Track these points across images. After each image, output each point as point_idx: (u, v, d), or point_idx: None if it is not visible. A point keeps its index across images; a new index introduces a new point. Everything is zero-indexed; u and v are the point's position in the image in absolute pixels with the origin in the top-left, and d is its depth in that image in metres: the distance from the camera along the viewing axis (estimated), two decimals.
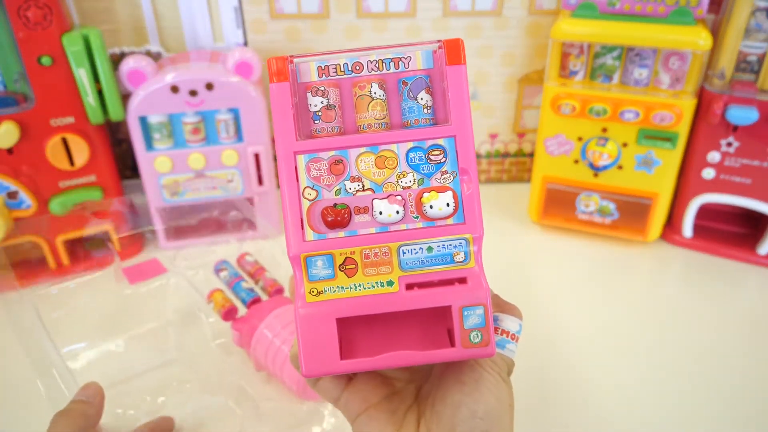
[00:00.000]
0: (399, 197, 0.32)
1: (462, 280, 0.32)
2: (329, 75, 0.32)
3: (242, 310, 0.52)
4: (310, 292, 0.31)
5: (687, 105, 0.60)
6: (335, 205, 0.32)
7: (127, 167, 0.77)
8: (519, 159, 0.81)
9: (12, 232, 0.61)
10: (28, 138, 0.58)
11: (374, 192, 0.32)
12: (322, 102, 0.32)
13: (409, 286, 0.32)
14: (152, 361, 0.53)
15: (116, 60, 0.67)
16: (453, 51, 0.32)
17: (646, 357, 0.54)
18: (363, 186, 0.32)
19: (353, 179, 0.32)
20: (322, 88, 0.32)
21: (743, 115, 0.59)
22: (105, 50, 0.58)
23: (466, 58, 0.31)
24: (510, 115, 0.78)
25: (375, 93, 0.32)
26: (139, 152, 0.63)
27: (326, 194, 0.32)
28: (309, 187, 0.32)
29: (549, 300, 0.61)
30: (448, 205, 0.31)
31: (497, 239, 0.71)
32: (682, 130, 0.61)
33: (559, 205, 0.70)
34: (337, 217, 0.32)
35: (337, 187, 0.32)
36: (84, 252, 0.66)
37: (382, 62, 0.32)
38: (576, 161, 0.66)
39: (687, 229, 0.68)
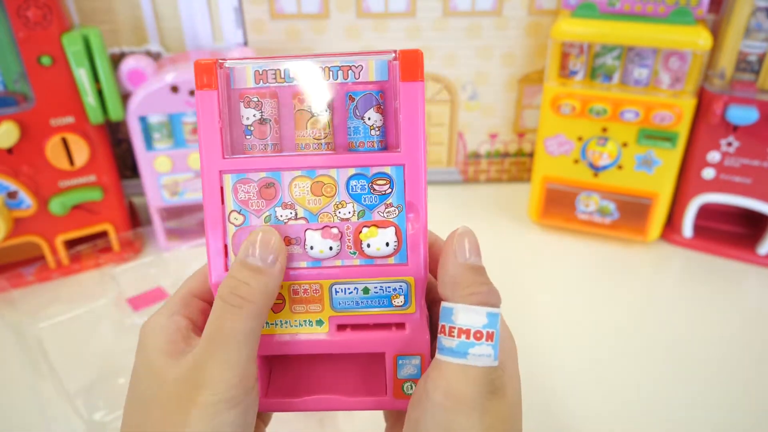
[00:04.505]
0: (335, 230, 0.28)
1: (400, 326, 0.29)
2: (267, 81, 0.28)
3: None
4: None
5: (687, 105, 0.60)
6: None
7: (127, 167, 0.77)
8: (519, 159, 0.81)
9: (12, 232, 0.61)
10: (28, 138, 0.58)
11: (308, 222, 0.28)
12: (255, 115, 0.28)
13: (341, 327, 0.29)
14: None
15: (116, 60, 0.67)
16: (409, 65, 0.27)
17: (646, 357, 0.54)
18: (296, 214, 0.28)
19: (285, 206, 0.28)
20: (256, 99, 0.28)
21: (743, 115, 0.59)
22: (105, 50, 0.58)
23: (423, 74, 0.27)
24: (510, 115, 0.78)
25: (316, 108, 0.28)
26: (139, 152, 0.63)
27: (254, 220, 0.28)
28: (236, 210, 0.28)
29: (548, 300, 0.61)
30: (387, 244, 0.28)
31: (497, 239, 0.71)
32: (682, 130, 0.61)
33: (559, 205, 0.70)
34: None
35: (267, 214, 0.28)
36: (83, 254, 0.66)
37: (329, 70, 0.28)
38: (576, 161, 0.66)
39: (687, 229, 0.68)
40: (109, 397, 0.49)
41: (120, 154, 0.76)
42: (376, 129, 0.28)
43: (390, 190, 0.28)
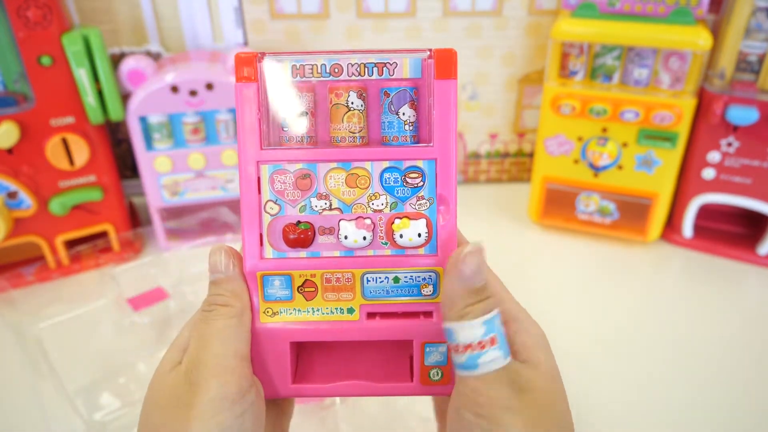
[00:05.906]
0: (368, 221, 0.29)
1: (428, 314, 0.30)
2: (304, 76, 0.29)
3: None
4: (264, 312, 0.30)
5: (687, 105, 0.60)
6: (298, 223, 0.29)
7: (127, 167, 0.77)
8: (519, 159, 0.81)
9: (12, 232, 0.61)
10: (28, 138, 0.58)
11: (342, 212, 0.29)
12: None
13: (371, 315, 0.30)
14: None
15: (116, 60, 0.67)
16: (444, 63, 0.29)
17: (645, 357, 0.54)
18: (330, 205, 0.29)
19: (320, 196, 0.29)
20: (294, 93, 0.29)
21: (743, 115, 0.59)
22: (105, 50, 0.58)
23: (457, 72, 0.29)
24: (510, 115, 0.78)
25: (352, 103, 0.29)
26: (139, 152, 0.63)
27: (290, 210, 0.29)
28: (272, 200, 0.29)
29: (549, 300, 0.61)
30: (419, 235, 0.29)
31: (497, 239, 0.71)
32: (682, 130, 0.61)
33: (559, 205, 0.70)
34: (300, 236, 0.29)
35: (302, 204, 0.29)
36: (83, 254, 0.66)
37: (365, 66, 0.29)
38: (576, 161, 0.66)
39: (687, 229, 0.68)
40: (109, 397, 0.49)
41: (120, 154, 0.76)
42: (410, 124, 0.30)
43: (422, 183, 0.29)
